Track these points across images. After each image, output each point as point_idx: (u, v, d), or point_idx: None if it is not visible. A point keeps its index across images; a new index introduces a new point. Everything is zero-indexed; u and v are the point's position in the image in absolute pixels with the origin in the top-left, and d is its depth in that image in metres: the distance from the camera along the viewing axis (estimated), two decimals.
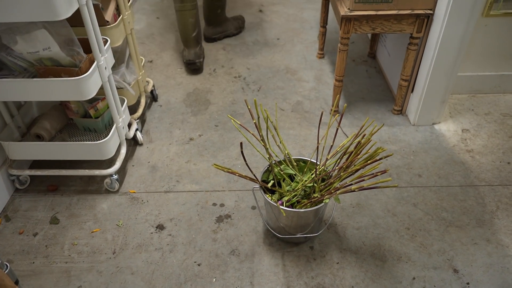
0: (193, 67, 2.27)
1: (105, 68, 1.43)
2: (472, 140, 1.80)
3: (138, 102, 1.92)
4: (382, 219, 1.46)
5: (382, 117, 1.95)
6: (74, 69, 1.34)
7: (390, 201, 1.52)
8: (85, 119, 1.62)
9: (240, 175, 1.22)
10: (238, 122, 1.24)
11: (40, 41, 1.28)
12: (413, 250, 1.35)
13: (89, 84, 1.34)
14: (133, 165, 1.73)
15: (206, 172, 1.68)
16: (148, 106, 2.08)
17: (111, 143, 1.52)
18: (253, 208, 1.52)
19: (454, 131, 1.86)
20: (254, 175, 1.27)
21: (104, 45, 1.43)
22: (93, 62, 1.38)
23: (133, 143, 1.84)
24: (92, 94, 1.36)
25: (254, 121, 1.25)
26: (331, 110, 1.99)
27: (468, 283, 1.25)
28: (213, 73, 2.32)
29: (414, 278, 1.27)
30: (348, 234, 1.41)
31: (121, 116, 1.60)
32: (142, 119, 1.99)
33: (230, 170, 1.20)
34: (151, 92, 2.08)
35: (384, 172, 1.09)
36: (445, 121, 1.91)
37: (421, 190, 1.57)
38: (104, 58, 1.41)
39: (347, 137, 1.82)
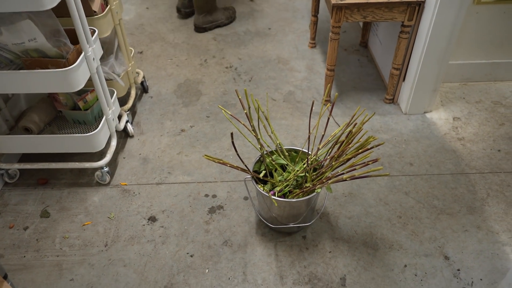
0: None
1: (93, 59, 1.40)
2: (463, 128, 1.81)
3: (128, 94, 1.90)
4: (374, 207, 1.47)
5: (374, 106, 1.95)
6: (61, 61, 1.32)
7: (382, 190, 1.53)
8: (74, 111, 1.60)
9: (232, 166, 1.21)
10: (229, 113, 1.23)
11: (25, 32, 1.26)
12: (405, 238, 1.36)
13: (77, 75, 1.32)
14: (124, 157, 1.71)
15: (198, 163, 1.67)
16: (138, 98, 2.06)
17: (101, 136, 1.51)
18: (245, 198, 1.52)
19: (445, 119, 1.86)
20: (245, 165, 1.27)
21: (92, 36, 1.40)
22: (81, 53, 1.36)
23: (124, 135, 1.83)
24: (80, 85, 1.34)
25: (245, 112, 1.24)
26: (323, 99, 1.98)
27: (458, 270, 1.27)
28: (204, 63, 2.30)
29: (405, 266, 1.28)
30: (340, 223, 1.42)
31: (111, 108, 1.58)
32: (133, 111, 1.97)
33: (221, 161, 1.19)
34: (142, 83, 2.06)
35: (375, 160, 1.09)
36: (437, 110, 1.92)
37: (412, 179, 1.57)
38: (92, 49, 1.39)
39: (339, 126, 1.82)
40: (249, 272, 1.28)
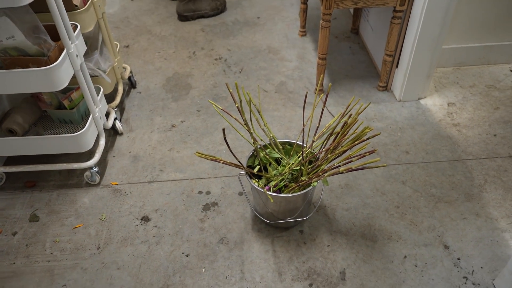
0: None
1: (76, 55, 1.35)
2: (458, 114, 1.78)
3: (115, 90, 1.84)
4: (371, 198, 1.44)
5: (368, 94, 1.92)
6: (43, 59, 1.26)
7: (379, 180, 1.51)
8: (59, 111, 1.55)
9: (225, 162, 1.18)
10: (220, 107, 1.19)
11: (2, 30, 1.20)
12: (403, 228, 1.34)
13: (60, 73, 1.27)
14: (114, 156, 1.67)
15: (190, 160, 1.63)
16: (126, 94, 2.00)
17: (89, 135, 1.46)
18: (240, 194, 1.48)
19: (440, 105, 1.84)
20: (238, 161, 1.23)
21: (74, 32, 1.34)
22: (63, 50, 1.30)
23: (112, 133, 1.78)
24: (64, 84, 1.29)
25: (236, 105, 1.20)
26: (316, 89, 1.94)
27: (459, 259, 1.25)
28: (192, 56, 2.24)
29: (405, 257, 1.26)
30: (337, 215, 1.39)
31: (98, 106, 1.52)
32: (121, 107, 1.92)
33: (213, 158, 1.15)
34: (129, 78, 2.00)
35: (372, 152, 1.06)
36: (431, 96, 1.89)
37: (409, 167, 1.55)
38: (75, 45, 1.33)
39: (333, 117, 1.78)
40: (246, 270, 1.25)
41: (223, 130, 1.05)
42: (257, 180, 1.31)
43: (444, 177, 1.51)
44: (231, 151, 1.18)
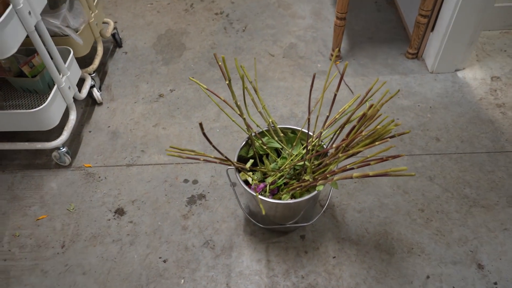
0: None
1: (29, 13, 1.07)
2: (503, 91, 1.47)
3: (94, 51, 1.57)
4: (390, 198, 1.19)
5: (394, 62, 1.60)
6: None
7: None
8: (20, 79, 1.30)
9: (207, 160, 0.93)
10: (205, 86, 0.92)
11: None
12: (428, 238, 1.10)
13: (3, 37, 1.00)
14: (90, 131, 1.43)
15: (177, 138, 1.39)
16: (110, 54, 1.73)
17: (52, 110, 1.21)
18: (234, 184, 1.25)
19: (481, 79, 1.52)
20: (222, 154, 0.98)
21: None
22: (7, 5, 1.02)
23: (91, 102, 1.53)
24: (10, 50, 1.03)
25: (227, 82, 0.93)
26: (333, 57, 1.63)
27: (495, 283, 1.01)
28: (189, 9, 1.92)
29: (428, 277, 1.03)
30: (348, 218, 1.15)
31: (65, 74, 1.27)
32: (103, 71, 1.65)
33: (191, 155, 0.90)
34: (113, 36, 1.72)
35: (397, 157, 0.80)
36: (471, 67, 1.56)
37: (439, 159, 1.28)
38: None
39: (352, 93, 1.49)
40: (233, 284, 1.04)
41: (200, 124, 0.79)
42: (251, 173, 1.07)
43: (482, 173, 1.23)
44: (214, 146, 0.93)
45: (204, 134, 0.83)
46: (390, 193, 1.20)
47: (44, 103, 1.18)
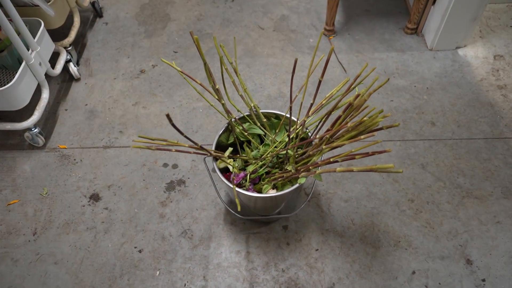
0: None
1: None
2: (506, 72, 1.37)
3: (70, 22, 1.46)
4: (379, 186, 1.13)
5: (391, 38, 1.50)
6: None
7: (392, 160, 1.18)
8: None
9: (179, 150, 0.86)
10: (179, 69, 0.83)
11: None
12: (416, 231, 1.04)
13: None
14: (66, 109, 1.35)
15: (157, 119, 1.31)
16: (90, 25, 1.62)
17: (21, 89, 1.13)
18: (214, 171, 1.18)
19: (483, 58, 1.42)
20: (196, 144, 0.91)
21: None
22: None
23: (68, 77, 1.44)
24: None
25: (204, 63, 0.84)
26: (325, 29, 1.52)
27: (483, 280, 0.97)
28: None
29: (414, 272, 0.98)
30: (333, 208, 1.10)
31: (35, 49, 1.17)
32: (82, 43, 1.55)
33: (161, 146, 0.83)
34: (93, 4, 1.60)
35: (383, 152, 0.73)
36: (473, 44, 1.46)
37: (433, 145, 1.21)
38: None
39: (345, 72, 1.40)
40: (210, 277, 1.00)
41: (168, 116, 0.71)
42: (231, 160, 1.00)
43: (478, 161, 1.17)
44: (186, 136, 0.85)
45: (173, 125, 0.75)
46: (380, 182, 1.14)
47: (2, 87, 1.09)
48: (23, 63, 1.14)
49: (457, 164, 1.16)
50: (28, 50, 1.15)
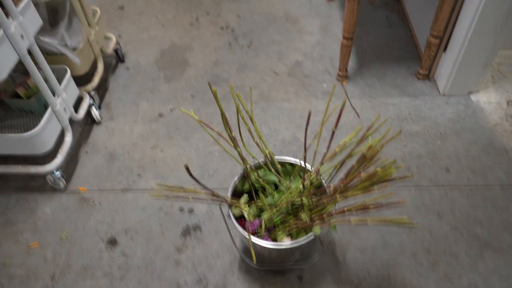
0: None
1: (21, 36, 1.04)
2: None
3: (95, 68, 1.53)
4: (395, 235, 1.12)
5: (403, 83, 1.53)
6: None
7: (407, 209, 1.17)
8: (16, 100, 1.27)
9: (196, 198, 0.88)
10: (197, 118, 0.87)
11: None
12: (434, 285, 1.03)
13: None
14: (86, 152, 1.40)
15: (174, 162, 1.34)
16: (112, 69, 1.69)
17: (46, 134, 1.18)
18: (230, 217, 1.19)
19: (496, 103, 1.43)
20: (214, 192, 0.93)
21: (17, 4, 1.02)
22: None
23: (89, 120, 1.50)
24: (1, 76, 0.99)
25: (221, 113, 0.87)
26: (338, 75, 1.56)
27: None
28: (195, 23, 1.88)
29: None
30: (349, 258, 1.09)
31: (60, 95, 1.23)
32: (105, 87, 1.62)
33: (180, 193, 0.85)
34: (116, 51, 1.68)
35: (396, 203, 0.73)
36: (486, 89, 1.48)
37: (448, 192, 1.20)
38: (18, 23, 1.02)
39: (358, 117, 1.42)
40: None
41: (186, 167, 0.74)
42: (247, 206, 1.01)
43: (495, 210, 1.15)
44: (203, 185, 0.88)
45: (191, 174, 0.78)
46: (395, 230, 1.13)
47: (28, 132, 1.13)
48: (49, 109, 1.20)
49: (473, 213, 1.15)
50: (54, 95, 1.21)
